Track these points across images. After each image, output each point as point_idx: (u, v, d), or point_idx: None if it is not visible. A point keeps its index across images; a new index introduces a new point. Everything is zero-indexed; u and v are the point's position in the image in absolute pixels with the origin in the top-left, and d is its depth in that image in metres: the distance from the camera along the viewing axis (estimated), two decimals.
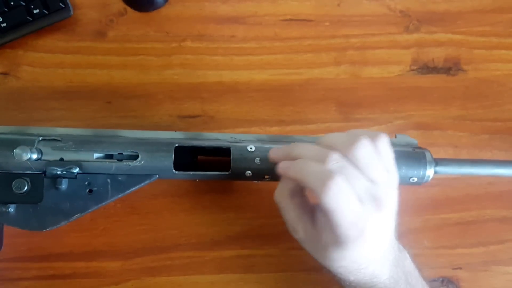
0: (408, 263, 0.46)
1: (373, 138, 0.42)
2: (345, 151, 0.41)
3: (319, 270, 0.47)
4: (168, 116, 0.57)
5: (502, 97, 0.60)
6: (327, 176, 0.39)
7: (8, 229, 0.51)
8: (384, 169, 0.42)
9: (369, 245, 0.42)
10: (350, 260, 0.42)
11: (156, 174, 0.48)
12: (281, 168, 0.43)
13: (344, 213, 0.39)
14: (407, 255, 0.46)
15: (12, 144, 0.46)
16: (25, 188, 0.46)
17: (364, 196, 0.40)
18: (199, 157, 0.54)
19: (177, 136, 0.50)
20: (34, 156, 0.45)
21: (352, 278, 0.44)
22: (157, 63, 0.58)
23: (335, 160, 0.40)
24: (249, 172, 0.48)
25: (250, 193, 0.56)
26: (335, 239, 0.41)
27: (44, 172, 0.47)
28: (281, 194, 0.45)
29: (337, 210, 0.39)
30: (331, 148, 0.41)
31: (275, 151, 0.45)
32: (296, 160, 0.42)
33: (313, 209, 0.44)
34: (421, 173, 0.49)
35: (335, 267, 0.44)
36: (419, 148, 0.51)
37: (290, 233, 0.45)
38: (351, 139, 0.41)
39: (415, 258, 0.53)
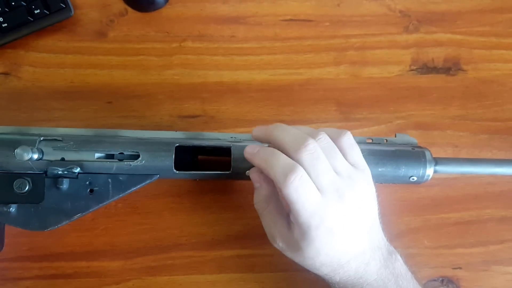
0: (399, 265, 0.46)
1: (336, 134, 0.44)
2: None
3: None
4: (168, 116, 0.58)
5: (501, 97, 0.60)
6: (290, 169, 0.40)
7: (9, 229, 0.51)
8: (347, 162, 0.43)
9: (336, 236, 0.42)
10: (325, 254, 0.43)
11: (156, 174, 0.48)
12: (247, 152, 0.45)
13: (304, 203, 0.41)
14: (399, 257, 0.47)
15: (13, 144, 0.46)
16: (26, 188, 0.46)
17: (326, 188, 0.42)
18: (199, 157, 0.54)
19: (177, 136, 0.50)
20: (35, 156, 0.45)
21: (337, 278, 0.45)
22: (157, 63, 0.59)
23: (310, 150, 0.41)
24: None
25: (250, 192, 0.56)
26: (301, 231, 0.42)
27: (45, 172, 0.47)
28: (257, 202, 0.46)
29: (298, 201, 0.41)
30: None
31: (257, 129, 0.46)
32: (263, 148, 0.44)
33: (288, 214, 0.45)
34: (421, 172, 0.49)
35: (317, 267, 0.44)
36: (419, 147, 0.51)
37: (270, 242, 0.46)
38: (314, 133, 0.43)
39: (415, 257, 0.54)
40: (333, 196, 0.42)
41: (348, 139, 0.44)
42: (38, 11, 0.56)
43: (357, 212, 0.43)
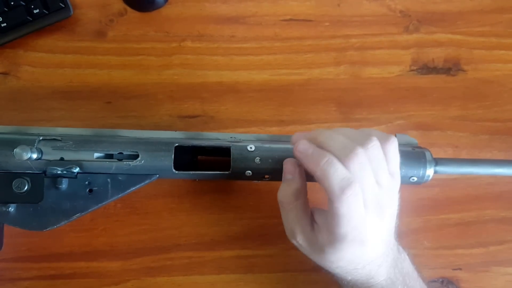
0: (407, 265, 0.46)
1: (383, 140, 0.42)
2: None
3: (319, 271, 0.47)
4: (168, 116, 0.57)
5: (502, 97, 0.60)
6: (347, 184, 0.39)
7: (8, 229, 0.51)
8: (389, 173, 0.42)
9: (366, 248, 0.42)
10: (347, 261, 0.42)
11: (156, 174, 0.48)
12: (299, 151, 0.42)
13: (351, 218, 0.40)
14: (407, 256, 0.47)
15: (12, 143, 0.46)
16: (26, 187, 0.46)
17: (370, 201, 0.40)
18: (199, 157, 0.54)
19: (177, 136, 0.50)
20: (35, 156, 0.45)
21: (349, 278, 0.44)
22: (157, 63, 0.58)
23: (359, 161, 0.39)
24: (249, 171, 0.48)
25: (250, 193, 0.56)
26: (332, 240, 0.41)
27: (45, 172, 0.47)
28: (285, 195, 0.44)
29: (346, 215, 0.39)
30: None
31: (298, 135, 0.44)
32: (320, 153, 0.41)
33: (312, 211, 0.44)
34: (421, 172, 0.49)
35: (332, 268, 0.44)
36: (419, 147, 0.51)
37: (288, 237, 0.45)
38: (365, 138, 0.41)
39: (415, 258, 0.53)
40: (374, 211, 0.41)
41: (395, 148, 0.42)
42: (37, 10, 0.56)
43: (389, 225, 0.43)
